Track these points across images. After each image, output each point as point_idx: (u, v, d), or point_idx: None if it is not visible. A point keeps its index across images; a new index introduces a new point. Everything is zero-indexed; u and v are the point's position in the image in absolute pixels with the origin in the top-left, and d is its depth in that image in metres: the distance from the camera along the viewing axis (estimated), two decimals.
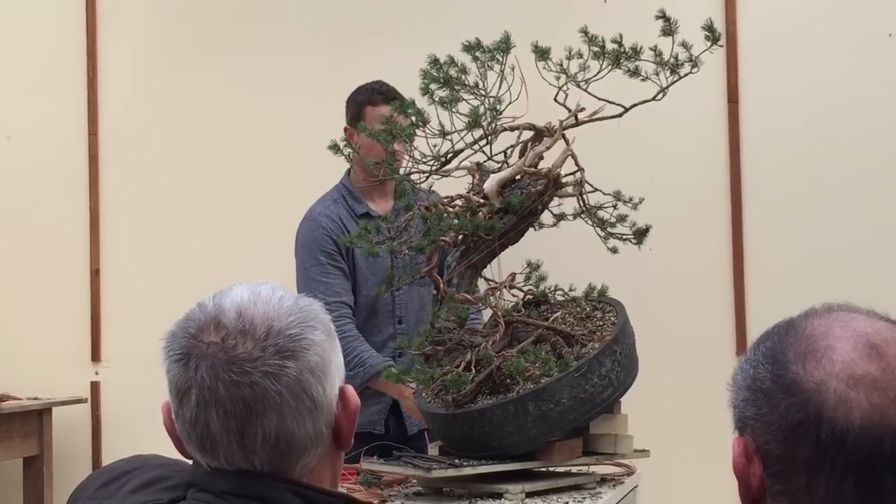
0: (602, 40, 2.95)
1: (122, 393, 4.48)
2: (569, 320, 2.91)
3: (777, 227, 3.96)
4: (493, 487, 2.70)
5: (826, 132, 3.93)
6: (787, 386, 1.12)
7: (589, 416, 2.78)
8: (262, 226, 4.36)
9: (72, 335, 4.54)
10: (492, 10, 4.07)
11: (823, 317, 1.17)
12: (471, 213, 2.90)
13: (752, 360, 1.19)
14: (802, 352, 1.14)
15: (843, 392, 1.09)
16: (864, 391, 1.09)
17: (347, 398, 1.40)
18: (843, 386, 1.10)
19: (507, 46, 2.97)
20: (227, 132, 4.42)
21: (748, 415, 1.16)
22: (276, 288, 1.40)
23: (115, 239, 4.54)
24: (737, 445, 1.16)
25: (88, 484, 1.53)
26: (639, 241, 3.12)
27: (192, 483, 1.38)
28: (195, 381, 1.33)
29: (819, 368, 1.12)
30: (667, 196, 3.88)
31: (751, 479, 1.15)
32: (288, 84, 4.37)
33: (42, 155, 4.62)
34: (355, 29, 4.32)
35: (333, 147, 3.03)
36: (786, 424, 1.11)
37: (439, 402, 2.80)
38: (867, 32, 3.92)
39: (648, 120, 3.34)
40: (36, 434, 4.36)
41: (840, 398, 1.09)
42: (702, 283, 4.00)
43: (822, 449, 1.09)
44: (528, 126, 3.01)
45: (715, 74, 3.84)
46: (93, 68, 4.56)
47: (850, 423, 1.08)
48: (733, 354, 3.96)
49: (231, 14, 4.46)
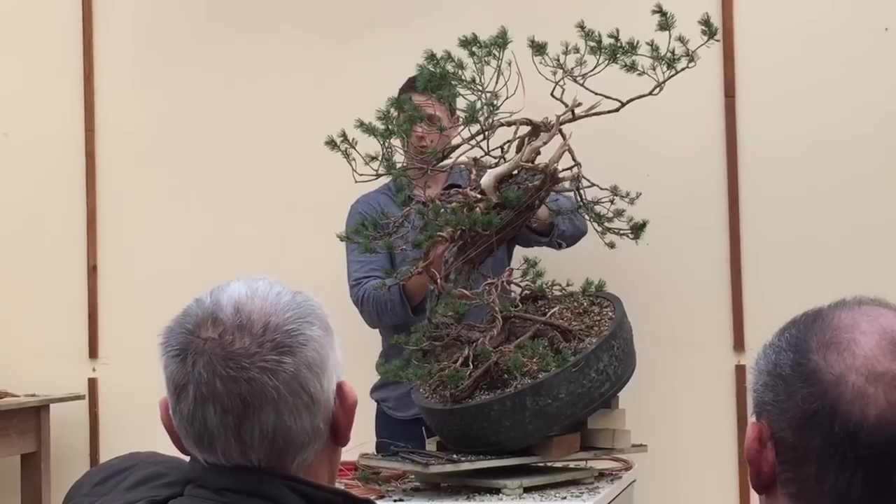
0: (599, 35, 2.95)
1: (119, 390, 4.47)
2: (566, 315, 2.91)
3: (774, 222, 3.96)
4: (491, 482, 2.71)
5: (823, 127, 3.93)
6: (807, 375, 1.12)
7: (587, 411, 2.78)
8: (260, 222, 4.36)
9: (69, 332, 4.53)
10: (488, 5, 4.06)
11: (852, 309, 1.16)
12: (468, 208, 2.90)
13: (775, 345, 1.18)
14: (826, 342, 1.13)
15: (862, 387, 1.09)
16: (883, 388, 1.09)
17: (345, 394, 1.40)
18: (863, 381, 1.09)
19: (503, 41, 2.98)
20: (224, 128, 4.42)
21: (766, 400, 1.15)
22: (273, 283, 1.40)
23: (112, 235, 4.53)
24: (751, 431, 1.16)
25: (86, 481, 1.53)
26: (636, 235, 3.13)
27: (190, 479, 1.38)
28: (192, 377, 1.33)
29: (840, 361, 1.11)
30: (664, 191, 3.88)
31: (762, 464, 1.15)
32: (285, 80, 4.36)
33: (39, 151, 4.61)
34: (351, 24, 4.32)
35: (330, 143, 3.03)
36: (801, 413, 1.11)
37: (437, 397, 2.80)
38: (864, 27, 3.92)
39: (645, 115, 3.35)
40: (33, 431, 4.35)
41: (858, 393, 1.09)
42: (699, 278, 4.00)
43: (835, 441, 1.09)
44: (524, 121, 3.01)
45: (712, 69, 3.84)
46: (89, 65, 4.55)
47: (864, 419, 1.08)
48: (731, 349, 3.96)
49: (227, 10, 4.46)
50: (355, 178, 2.99)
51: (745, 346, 3.93)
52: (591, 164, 3.08)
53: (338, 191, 3.54)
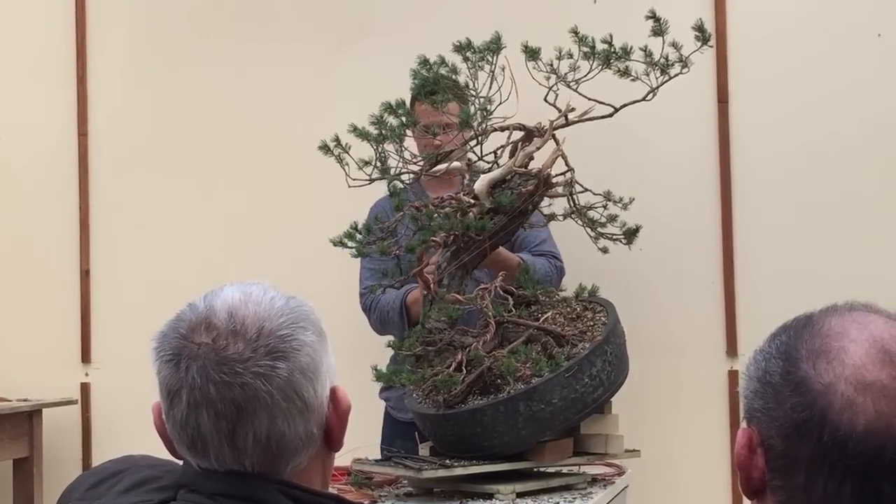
0: (592, 40, 2.95)
1: (112, 394, 4.47)
2: (559, 320, 2.91)
3: (767, 228, 3.96)
4: (484, 488, 2.70)
5: (816, 132, 3.93)
6: (796, 384, 1.12)
7: (579, 417, 2.78)
8: (253, 226, 4.36)
9: (62, 336, 4.52)
10: (482, 10, 4.07)
11: (843, 316, 1.16)
12: (461, 213, 2.90)
13: (766, 352, 1.18)
14: (815, 350, 1.13)
15: (851, 396, 1.09)
16: (872, 398, 1.09)
17: (338, 399, 1.40)
18: (852, 390, 1.09)
19: (497, 47, 2.98)
20: (218, 132, 4.42)
21: (756, 407, 1.15)
22: (267, 288, 1.39)
23: (104, 240, 4.52)
24: (741, 436, 1.16)
25: (78, 485, 1.53)
26: (629, 241, 3.13)
27: (183, 484, 1.38)
28: (186, 382, 1.32)
29: (829, 370, 1.11)
30: (657, 196, 3.88)
31: (752, 470, 1.15)
32: (278, 84, 4.36)
33: (32, 155, 4.61)
34: (344, 28, 4.32)
35: (323, 147, 3.03)
36: (790, 422, 1.11)
37: (430, 402, 2.80)
38: (857, 32, 3.93)
39: (638, 120, 3.35)
40: (26, 436, 4.35)
41: (847, 402, 1.09)
42: (692, 283, 4.00)
43: (823, 450, 1.09)
44: (518, 126, 3.01)
45: (705, 74, 3.85)
46: (82, 68, 4.55)
47: (853, 428, 1.08)
48: (723, 354, 3.97)
49: (220, 13, 4.46)
50: (348, 182, 2.99)
51: (737, 352, 3.94)
52: (584, 170, 3.08)
53: (331, 196, 3.54)
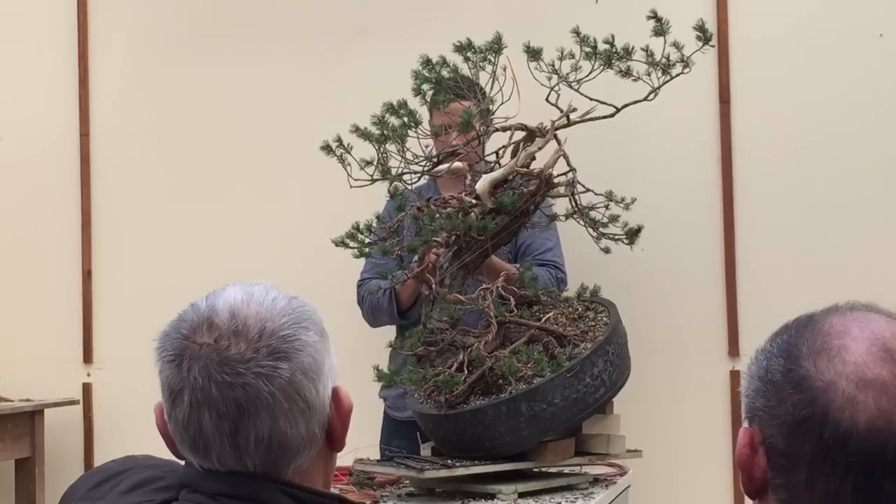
0: (594, 41, 2.95)
1: (114, 394, 4.47)
2: (561, 321, 2.91)
3: (769, 228, 3.96)
4: (486, 488, 2.70)
5: (817, 132, 3.93)
6: (797, 382, 1.12)
7: (581, 417, 2.78)
8: (255, 226, 4.36)
9: (64, 337, 4.53)
10: (483, 10, 4.07)
11: (844, 315, 1.17)
12: (463, 213, 2.90)
13: (767, 351, 1.18)
14: (816, 349, 1.13)
15: (852, 394, 1.09)
16: (873, 395, 1.09)
17: (340, 399, 1.40)
18: (852, 387, 1.10)
19: (498, 47, 2.98)
20: (219, 132, 4.42)
21: (757, 405, 1.16)
22: (269, 288, 1.39)
23: (107, 240, 4.53)
24: (743, 436, 1.16)
25: (80, 485, 1.53)
26: (631, 241, 3.13)
27: (185, 484, 1.38)
28: (188, 382, 1.32)
29: (830, 367, 1.11)
30: (659, 196, 3.88)
31: (754, 469, 1.16)
32: (279, 84, 4.37)
33: (34, 156, 4.61)
34: (346, 29, 4.32)
35: (325, 148, 3.03)
36: (791, 420, 1.12)
37: (432, 402, 2.80)
38: (858, 33, 3.92)
39: (640, 120, 3.35)
40: (28, 436, 4.35)
41: (848, 399, 1.09)
42: (694, 283, 4.00)
43: (825, 448, 1.09)
44: (519, 126, 3.01)
45: (706, 75, 3.85)
46: (84, 69, 4.55)
47: (854, 425, 1.08)
48: (725, 354, 3.97)
49: (222, 14, 4.46)
50: (350, 183, 2.99)
51: (739, 352, 3.93)
52: (586, 170, 3.08)
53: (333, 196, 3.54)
